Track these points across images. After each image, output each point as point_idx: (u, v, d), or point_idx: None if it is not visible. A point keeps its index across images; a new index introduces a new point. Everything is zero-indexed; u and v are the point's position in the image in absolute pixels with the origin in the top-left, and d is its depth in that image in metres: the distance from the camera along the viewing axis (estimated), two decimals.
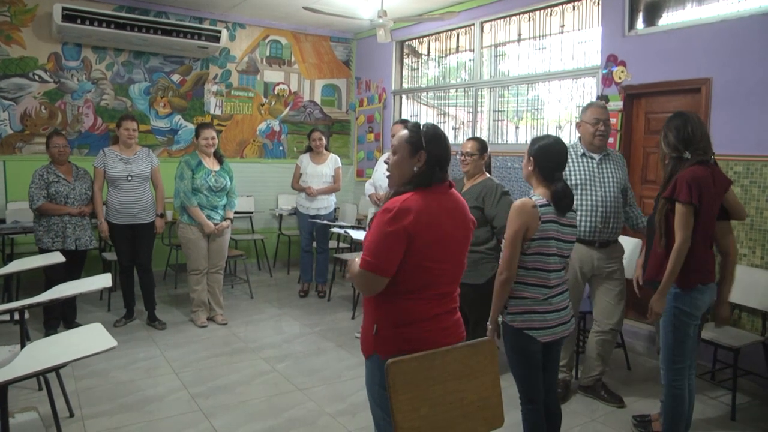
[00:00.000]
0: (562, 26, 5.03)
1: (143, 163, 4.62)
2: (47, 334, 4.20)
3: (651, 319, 2.73)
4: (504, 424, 1.93)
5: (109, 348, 2.26)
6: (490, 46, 5.74)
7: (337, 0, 5.55)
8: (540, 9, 5.16)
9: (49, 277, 4.11)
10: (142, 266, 4.71)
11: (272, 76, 6.96)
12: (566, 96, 5.12)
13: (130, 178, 4.53)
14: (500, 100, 5.75)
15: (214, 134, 4.71)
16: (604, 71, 4.52)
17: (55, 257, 3.58)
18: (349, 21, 6.31)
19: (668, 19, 4.22)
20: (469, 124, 5.98)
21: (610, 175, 3.37)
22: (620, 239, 3.52)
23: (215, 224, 4.67)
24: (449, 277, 1.95)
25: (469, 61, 5.97)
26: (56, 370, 2.85)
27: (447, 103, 6.43)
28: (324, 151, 5.66)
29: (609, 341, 3.48)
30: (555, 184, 2.37)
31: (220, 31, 6.11)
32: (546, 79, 5.22)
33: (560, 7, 5.01)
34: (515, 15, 5.41)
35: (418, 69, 6.78)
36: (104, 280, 3.06)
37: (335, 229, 5.23)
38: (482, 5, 5.57)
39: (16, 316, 2.92)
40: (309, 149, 5.69)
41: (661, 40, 4.16)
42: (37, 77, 5.63)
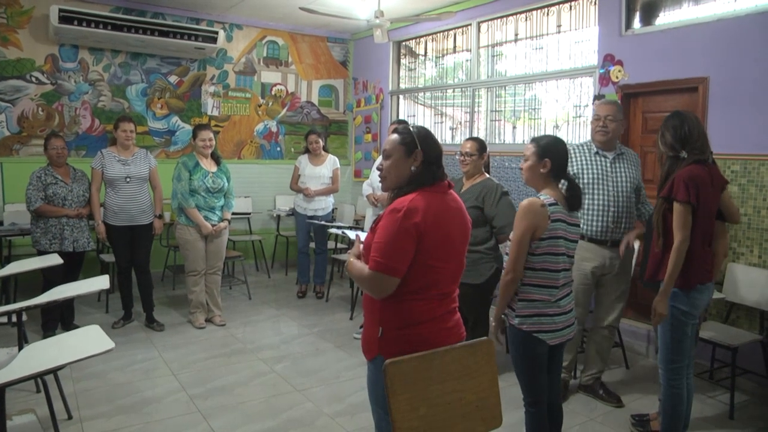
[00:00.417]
0: (559, 26, 5.03)
1: (141, 164, 4.61)
2: (45, 336, 4.19)
3: (655, 321, 2.68)
4: (502, 424, 1.93)
5: (107, 350, 2.27)
6: (487, 46, 5.74)
7: (334, 0, 5.55)
8: (537, 9, 5.16)
9: (46, 278, 4.10)
10: (140, 268, 4.71)
11: (269, 76, 6.95)
12: (563, 96, 5.12)
13: (128, 180, 4.52)
14: (497, 100, 5.75)
15: (212, 135, 4.71)
16: (601, 71, 4.53)
17: (53, 259, 3.57)
18: (346, 21, 6.31)
19: (665, 18, 4.22)
20: (466, 124, 5.99)
21: (623, 174, 3.32)
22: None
23: (213, 225, 4.67)
24: (451, 276, 1.96)
25: (466, 61, 5.97)
26: (54, 372, 2.84)
27: (444, 104, 6.43)
28: (322, 153, 5.65)
29: (607, 338, 3.49)
30: (564, 181, 2.37)
31: (217, 32, 6.10)
32: (543, 79, 5.22)
33: (557, 6, 5.02)
34: (512, 15, 5.41)
35: (415, 69, 6.78)
36: (102, 282, 3.07)
37: (333, 230, 5.23)
38: (479, 5, 5.58)
39: (14, 318, 2.91)
40: (307, 150, 5.69)
41: (658, 39, 4.16)
42: (34, 79, 5.61)
